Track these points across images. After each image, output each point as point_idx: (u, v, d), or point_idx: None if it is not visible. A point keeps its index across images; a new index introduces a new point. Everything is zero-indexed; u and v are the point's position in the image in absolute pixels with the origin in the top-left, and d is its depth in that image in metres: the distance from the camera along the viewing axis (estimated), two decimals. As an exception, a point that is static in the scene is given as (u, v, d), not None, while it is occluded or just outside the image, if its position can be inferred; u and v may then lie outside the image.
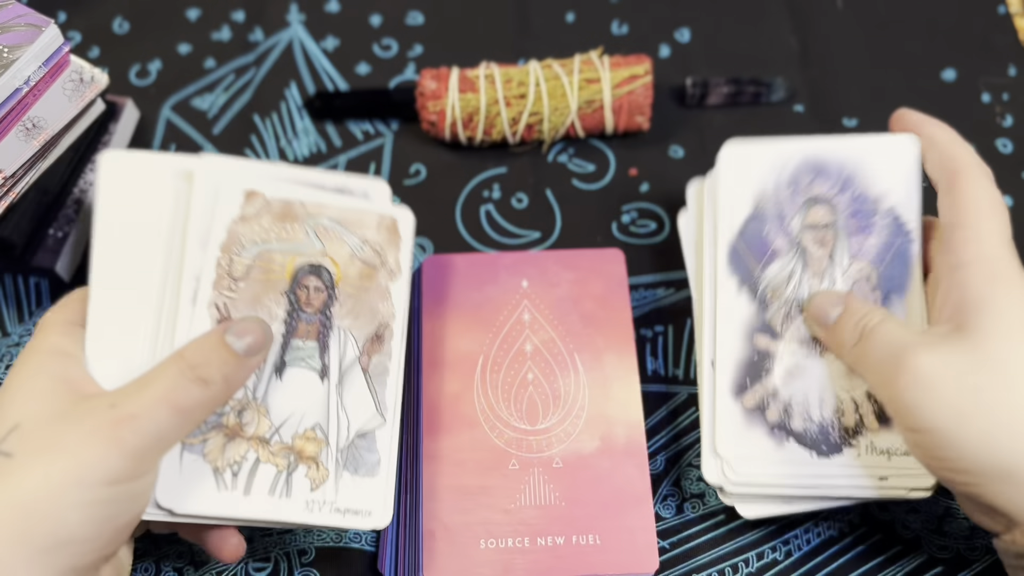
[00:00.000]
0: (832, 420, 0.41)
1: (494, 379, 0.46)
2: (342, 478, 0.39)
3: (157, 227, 0.39)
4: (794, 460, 0.40)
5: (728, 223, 0.43)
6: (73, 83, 0.46)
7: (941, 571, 0.44)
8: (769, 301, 0.42)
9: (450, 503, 0.43)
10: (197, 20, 0.59)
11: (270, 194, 0.41)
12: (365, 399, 0.40)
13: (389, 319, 0.42)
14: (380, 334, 0.41)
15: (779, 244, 0.42)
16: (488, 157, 0.54)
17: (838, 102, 0.56)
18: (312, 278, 0.41)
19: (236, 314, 0.39)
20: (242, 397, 0.38)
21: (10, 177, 0.44)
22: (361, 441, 0.40)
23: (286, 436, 0.39)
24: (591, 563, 0.42)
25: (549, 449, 0.44)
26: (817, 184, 0.43)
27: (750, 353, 0.42)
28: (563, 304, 0.48)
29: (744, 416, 0.41)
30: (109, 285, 0.38)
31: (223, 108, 0.56)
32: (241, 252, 0.40)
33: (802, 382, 0.41)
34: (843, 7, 0.59)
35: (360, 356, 0.41)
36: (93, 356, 0.37)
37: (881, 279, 0.42)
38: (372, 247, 0.42)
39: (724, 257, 0.43)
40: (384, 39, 0.58)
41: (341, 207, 0.42)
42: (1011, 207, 0.53)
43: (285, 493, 0.38)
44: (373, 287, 0.41)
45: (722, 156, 0.43)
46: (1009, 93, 0.56)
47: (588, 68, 0.52)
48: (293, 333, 0.40)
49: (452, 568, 0.41)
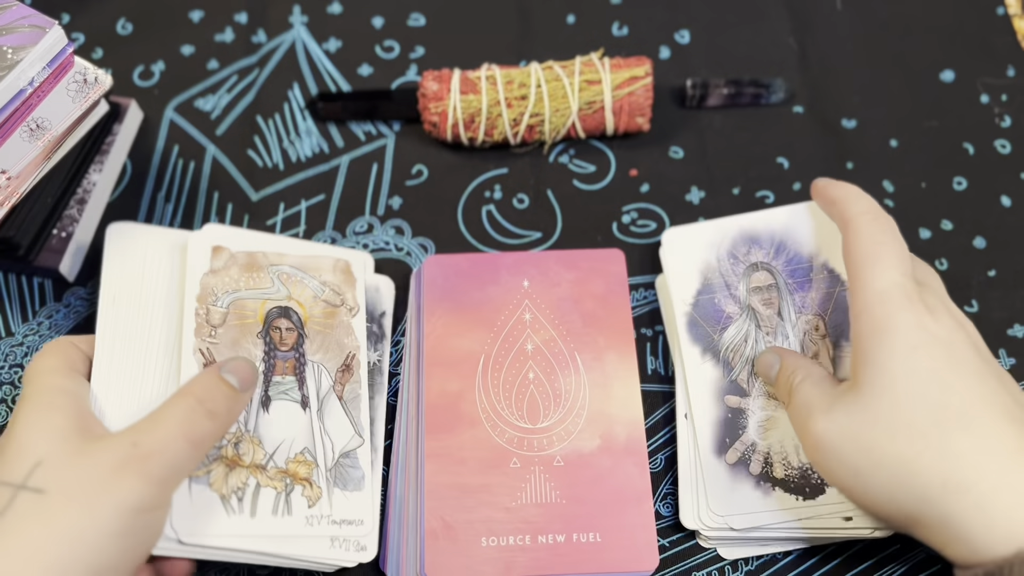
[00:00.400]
0: (809, 464, 0.43)
1: (495, 378, 0.46)
2: (334, 494, 0.42)
3: (155, 288, 0.45)
4: (783, 507, 0.42)
5: (681, 297, 0.47)
6: (77, 84, 0.46)
7: (939, 569, 0.44)
8: (732, 363, 0.46)
9: (452, 501, 0.43)
10: (200, 21, 0.59)
11: (235, 248, 0.46)
12: (343, 423, 0.44)
13: (355, 350, 0.46)
14: (349, 364, 0.46)
15: (731, 310, 0.47)
16: (489, 158, 0.55)
17: (837, 103, 0.56)
18: (283, 320, 0.45)
19: (219, 357, 0.43)
20: (236, 431, 0.42)
21: (14, 177, 0.44)
22: (345, 460, 0.44)
23: (280, 461, 0.42)
24: (591, 561, 0.42)
25: (550, 448, 0.44)
26: (754, 253, 0.48)
27: (723, 412, 0.45)
28: (564, 304, 0.48)
29: (729, 473, 0.43)
30: (113, 337, 0.43)
31: (226, 109, 0.56)
32: (216, 302, 0.45)
33: (776, 432, 0.44)
34: (842, 8, 0.60)
35: (334, 385, 0.45)
36: (100, 396, 0.41)
37: (829, 328, 0.45)
38: (332, 288, 0.47)
39: (684, 328, 0.47)
40: (386, 40, 0.59)
41: (299, 254, 0.48)
42: (1009, 207, 0.53)
43: (287, 511, 0.41)
44: (337, 323, 0.46)
45: (665, 240, 0.49)
46: (1008, 94, 0.57)
47: (589, 70, 0.52)
48: (272, 370, 0.44)
49: (454, 566, 0.42)
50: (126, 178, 0.54)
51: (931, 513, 0.35)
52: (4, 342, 0.49)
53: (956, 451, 0.35)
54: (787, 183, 0.54)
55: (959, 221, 0.53)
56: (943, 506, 0.35)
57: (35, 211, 0.47)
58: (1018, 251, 0.52)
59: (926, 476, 0.35)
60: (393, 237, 0.52)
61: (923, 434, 0.36)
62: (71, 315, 0.50)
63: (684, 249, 0.49)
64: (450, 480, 0.43)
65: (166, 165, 0.54)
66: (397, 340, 0.49)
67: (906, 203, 0.53)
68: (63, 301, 0.50)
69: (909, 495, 0.36)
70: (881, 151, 0.55)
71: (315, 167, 0.54)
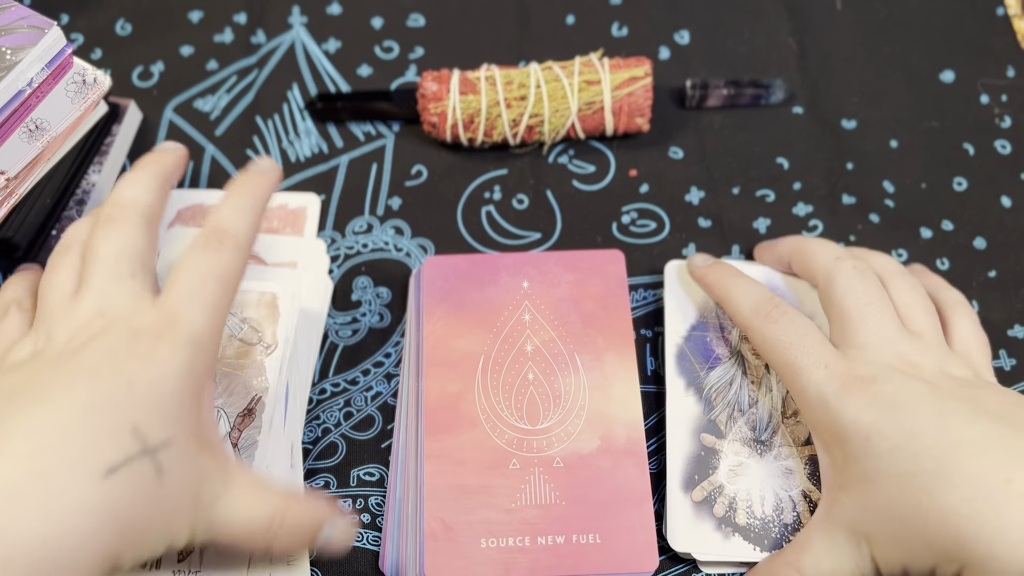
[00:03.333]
0: (773, 517, 0.43)
1: (495, 379, 0.46)
2: (207, 551, 0.41)
3: None
4: (739, 554, 0.42)
5: (675, 329, 0.48)
6: (76, 85, 0.46)
7: None
8: (714, 402, 0.46)
9: (451, 502, 0.43)
10: (199, 22, 0.59)
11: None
12: None
13: (262, 392, 0.44)
14: (252, 408, 0.44)
15: (721, 351, 0.47)
16: (489, 158, 0.55)
17: (837, 104, 0.56)
18: None
19: None
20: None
21: (13, 178, 0.44)
22: None
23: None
24: (591, 562, 0.42)
25: (549, 449, 0.44)
26: None
27: (697, 449, 0.45)
28: (563, 305, 0.48)
29: (693, 510, 0.43)
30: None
31: (225, 110, 0.56)
32: None
33: (745, 480, 0.44)
34: (842, 9, 0.60)
35: (231, 432, 0.43)
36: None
37: None
38: (251, 325, 0.45)
39: (672, 358, 0.47)
40: (385, 41, 0.59)
41: None
42: (1010, 208, 0.53)
43: (154, 566, 0.41)
44: (248, 364, 0.45)
45: (668, 270, 0.49)
46: (1008, 94, 0.57)
47: (588, 70, 0.52)
48: None
49: (453, 567, 0.42)
50: (125, 179, 0.54)
51: (957, 561, 0.35)
52: (3, 343, 0.49)
53: (950, 507, 0.35)
54: (787, 183, 0.54)
55: (959, 222, 0.53)
56: (963, 556, 0.35)
57: (34, 212, 0.47)
58: (1018, 252, 0.52)
59: (940, 539, 0.35)
60: (392, 237, 0.52)
61: (919, 506, 0.36)
62: (70, 316, 0.50)
63: (685, 284, 0.49)
64: (449, 481, 0.43)
65: (165, 166, 0.54)
66: (396, 341, 0.49)
67: (906, 203, 0.53)
68: (62, 302, 0.50)
69: (934, 556, 0.36)
70: (881, 151, 0.55)
71: (314, 167, 0.54)
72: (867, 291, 0.42)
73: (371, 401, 0.48)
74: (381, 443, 0.47)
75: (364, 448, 0.47)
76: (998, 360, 0.49)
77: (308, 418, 0.47)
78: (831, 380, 0.39)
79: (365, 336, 0.50)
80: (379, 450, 0.47)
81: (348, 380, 0.48)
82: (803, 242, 0.46)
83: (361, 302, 0.51)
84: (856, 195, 0.53)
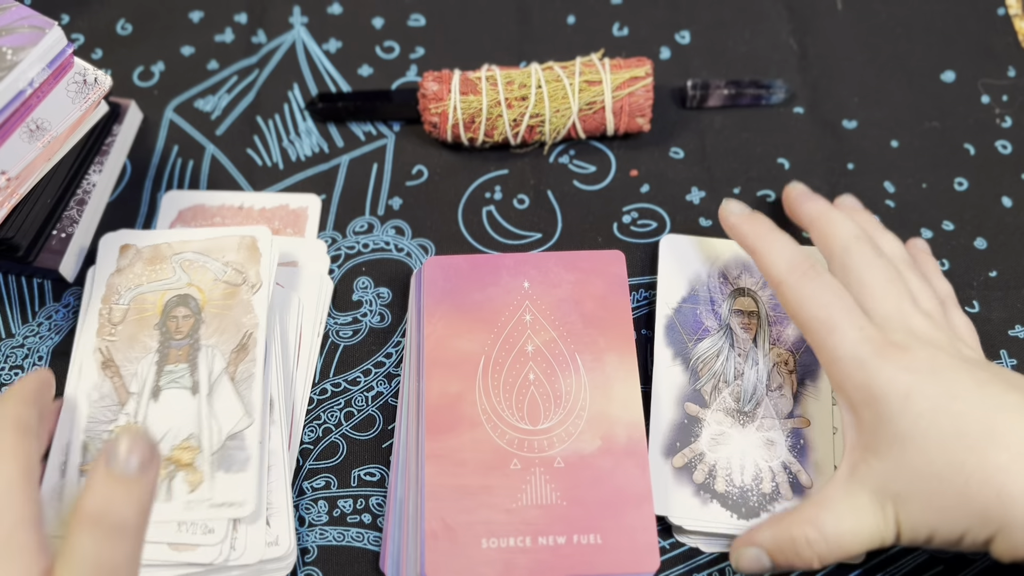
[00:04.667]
0: (752, 486, 0.44)
1: (496, 379, 0.46)
2: (216, 477, 0.43)
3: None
4: (717, 520, 0.44)
5: (666, 301, 0.49)
6: (77, 85, 0.46)
7: (941, 570, 0.44)
8: (700, 373, 0.47)
9: (452, 503, 0.43)
10: (200, 22, 0.59)
11: (141, 244, 0.48)
12: (233, 405, 0.44)
13: (253, 328, 0.46)
14: (244, 344, 0.46)
15: (710, 324, 0.48)
16: (490, 158, 0.55)
17: (838, 104, 0.56)
18: (180, 308, 0.46)
19: (117, 355, 0.45)
20: (125, 424, 0.44)
21: (14, 178, 0.44)
22: (232, 442, 0.44)
23: (165, 449, 0.43)
24: (592, 562, 0.42)
25: (550, 449, 0.44)
26: (744, 278, 0.49)
27: (680, 417, 0.46)
28: (564, 305, 0.48)
29: (673, 475, 0.44)
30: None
31: (226, 110, 0.56)
32: (119, 300, 0.47)
33: (726, 449, 0.45)
34: (843, 9, 0.60)
35: (228, 367, 0.45)
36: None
37: (798, 365, 0.47)
38: (234, 267, 0.47)
39: (662, 329, 0.48)
40: (386, 41, 0.59)
41: (204, 237, 0.48)
42: (1010, 208, 0.53)
43: (168, 498, 0.42)
44: (236, 303, 0.47)
45: (663, 244, 0.50)
46: (1008, 94, 0.57)
47: (589, 70, 0.52)
48: (166, 360, 0.45)
49: (454, 567, 0.42)
50: (126, 178, 0.54)
51: (994, 524, 0.36)
52: (4, 343, 0.49)
53: (998, 465, 0.36)
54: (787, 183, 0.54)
55: (960, 222, 0.53)
56: (1003, 516, 0.35)
57: (35, 212, 0.47)
58: (1019, 251, 0.52)
59: (982, 497, 0.36)
60: (393, 237, 0.52)
61: (962, 464, 0.36)
62: (71, 315, 0.50)
63: (679, 257, 0.50)
64: (450, 481, 0.43)
65: (165, 165, 0.54)
66: (397, 341, 0.49)
67: (907, 203, 0.53)
68: (63, 301, 0.50)
69: (968, 519, 0.36)
70: (882, 152, 0.55)
71: (315, 167, 0.54)
72: (886, 267, 0.42)
73: (372, 401, 0.48)
74: (382, 443, 0.47)
75: (365, 448, 0.47)
76: (998, 360, 0.49)
77: (308, 418, 0.47)
78: (867, 341, 0.39)
79: (366, 336, 0.50)
80: (380, 450, 0.47)
81: (349, 380, 0.48)
82: (826, 212, 0.46)
83: (362, 302, 0.51)
84: (857, 195, 0.53)
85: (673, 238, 0.50)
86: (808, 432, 0.45)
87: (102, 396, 0.44)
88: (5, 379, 0.48)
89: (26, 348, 0.49)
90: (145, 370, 0.45)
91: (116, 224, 0.52)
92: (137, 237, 0.49)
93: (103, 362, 0.45)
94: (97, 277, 0.48)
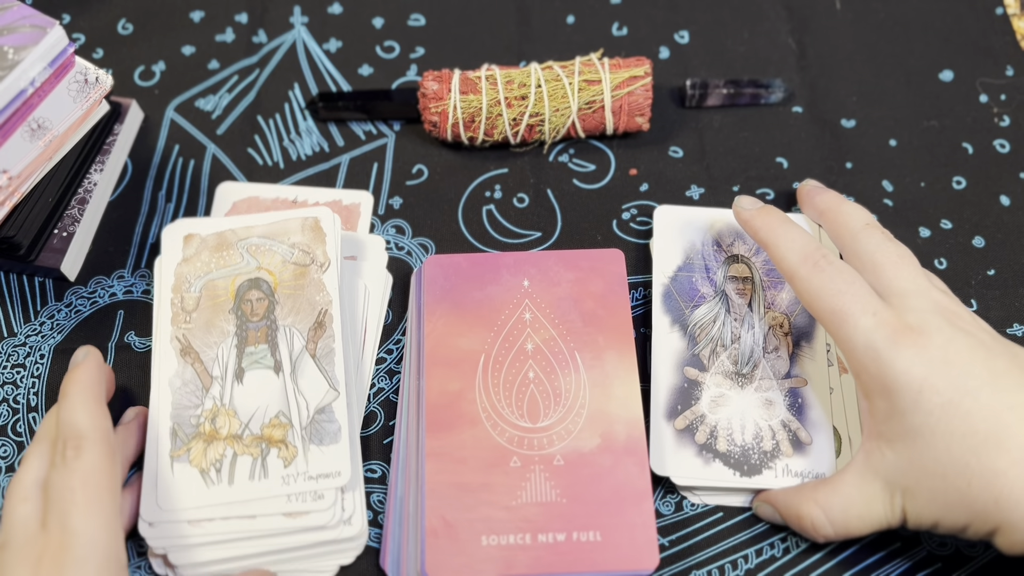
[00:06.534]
0: (752, 444, 0.45)
1: (496, 377, 0.46)
2: (310, 451, 0.44)
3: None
4: (720, 479, 0.45)
5: (662, 269, 0.50)
6: (78, 84, 0.46)
7: (939, 568, 0.44)
8: (698, 338, 0.48)
9: (452, 500, 0.43)
10: (201, 22, 0.59)
11: (205, 232, 0.49)
12: (317, 380, 0.45)
13: (327, 305, 0.47)
14: (321, 321, 0.46)
15: (706, 291, 0.49)
16: (489, 157, 0.55)
17: (836, 103, 0.57)
18: (253, 292, 0.47)
19: (195, 341, 0.46)
20: (212, 406, 0.44)
21: (15, 177, 0.45)
22: (320, 416, 0.44)
23: (255, 428, 0.44)
24: (592, 560, 0.42)
25: (550, 447, 0.44)
26: (737, 245, 0.50)
27: (680, 381, 0.47)
28: (564, 303, 0.48)
29: (675, 437, 0.45)
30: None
31: (227, 109, 0.56)
32: (189, 288, 0.47)
33: (726, 410, 0.46)
34: (841, 8, 0.60)
35: (307, 345, 0.46)
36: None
37: (793, 327, 0.48)
38: (301, 249, 0.48)
39: (659, 299, 0.49)
40: (386, 41, 0.59)
41: (267, 222, 0.49)
42: (1008, 207, 0.53)
43: (263, 475, 0.43)
44: (308, 283, 0.47)
45: (657, 215, 0.51)
46: (1007, 94, 0.57)
47: (588, 70, 0.52)
48: (245, 342, 0.46)
49: (454, 564, 0.42)
50: (127, 177, 0.54)
51: (992, 523, 0.37)
52: (6, 342, 0.49)
53: (997, 470, 0.36)
54: (786, 182, 0.54)
55: (958, 220, 0.53)
56: (1000, 518, 0.36)
57: (36, 211, 0.47)
58: (1017, 250, 0.52)
59: (981, 500, 0.36)
60: (394, 236, 0.52)
61: (965, 466, 0.37)
62: (72, 315, 0.50)
63: (673, 227, 0.51)
64: (450, 479, 0.43)
65: (166, 164, 0.54)
66: (398, 339, 0.49)
67: (905, 203, 0.53)
68: (64, 300, 0.50)
69: (970, 516, 0.37)
70: (880, 151, 0.55)
71: (315, 166, 0.54)
72: (898, 247, 0.43)
73: (373, 398, 0.48)
74: (383, 439, 0.47)
75: (366, 444, 0.47)
76: (997, 358, 0.49)
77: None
78: (880, 328, 0.39)
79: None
80: (381, 446, 0.47)
81: (349, 378, 0.49)
82: (838, 203, 0.46)
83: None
84: (855, 194, 0.53)
85: (667, 209, 0.51)
86: (805, 391, 0.46)
87: (185, 382, 0.45)
88: (6, 378, 0.48)
89: (28, 347, 0.49)
90: (226, 353, 0.46)
91: (117, 223, 0.52)
92: (199, 226, 0.49)
93: (182, 349, 0.46)
94: (164, 267, 0.48)
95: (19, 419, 0.47)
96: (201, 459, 0.43)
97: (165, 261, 0.48)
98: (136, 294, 0.51)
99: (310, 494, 0.42)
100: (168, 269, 0.48)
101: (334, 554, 0.43)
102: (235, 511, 0.42)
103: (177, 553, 0.42)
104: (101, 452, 0.38)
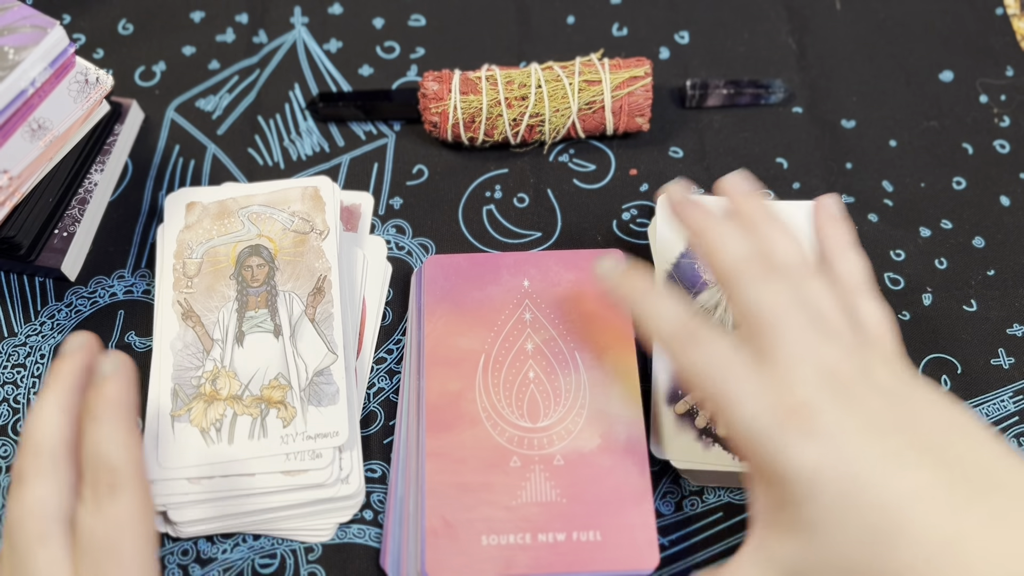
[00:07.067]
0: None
1: (496, 377, 0.46)
2: (308, 411, 0.45)
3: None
4: (718, 463, 0.45)
5: (664, 257, 0.50)
6: (79, 84, 0.46)
7: None
8: None
9: (452, 500, 0.43)
10: (201, 22, 0.59)
11: (207, 200, 0.50)
12: (316, 343, 0.47)
13: (326, 272, 0.48)
14: (320, 287, 0.48)
15: (708, 277, 0.49)
16: (490, 158, 0.55)
17: (836, 103, 0.57)
18: (253, 258, 0.49)
19: (196, 305, 0.47)
20: (213, 368, 0.46)
21: (16, 177, 0.45)
22: (319, 378, 0.46)
23: (255, 389, 0.46)
24: (592, 560, 0.42)
25: (550, 447, 0.45)
26: None
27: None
28: (564, 303, 0.48)
29: (676, 421, 0.46)
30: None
31: (227, 109, 0.56)
32: (191, 254, 0.49)
33: None
34: (841, 9, 0.60)
35: (306, 309, 0.47)
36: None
37: None
38: (301, 217, 0.50)
39: (661, 283, 0.49)
40: (386, 41, 0.59)
41: (267, 191, 0.51)
42: (1008, 207, 0.53)
43: (262, 434, 0.44)
44: (307, 250, 0.49)
45: (659, 204, 0.51)
46: (1007, 94, 0.57)
47: (588, 70, 0.52)
48: (246, 306, 0.48)
49: (454, 564, 0.42)
50: (127, 177, 0.54)
51: None
52: (6, 342, 0.49)
53: (902, 563, 0.33)
54: (786, 183, 0.54)
55: (958, 221, 0.53)
56: None
57: (37, 211, 0.47)
58: (1017, 250, 0.52)
59: None
60: (394, 236, 0.52)
61: (868, 566, 0.33)
62: (73, 314, 0.50)
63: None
64: (450, 479, 0.44)
65: (167, 165, 0.54)
66: (398, 339, 0.50)
67: (905, 203, 0.53)
68: (65, 300, 0.50)
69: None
70: (880, 151, 0.55)
71: (316, 166, 0.54)
72: (778, 294, 0.38)
73: (373, 398, 0.48)
74: (383, 439, 0.47)
75: (366, 444, 0.47)
76: (997, 359, 0.49)
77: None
78: (764, 414, 0.35)
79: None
80: (381, 446, 0.47)
81: (349, 378, 0.49)
82: (710, 226, 0.41)
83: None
84: (855, 194, 0.53)
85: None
86: None
87: (186, 345, 0.47)
88: (7, 377, 0.48)
89: (28, 347, 0.49)
90: (227, 317, 0.47)
91: (117, 223, 0.52)
92: (202, 194, 0.51)
93: (183, 313, 0.47)
94: (167, 234, 0.49)
95: (19, 419, 0.47)
96: (202, 419, 0.45)
97: (168, 228, 0.49)
98: (136, 294, 0.51)
99: (308, 453, 0.44)
100: (171, 236, 0.49)
101: (332, 512, 0.44)
102: (234, 469, 0.43)
103: (177, 510, 0.43)
104: (138, 493, 0.35)
